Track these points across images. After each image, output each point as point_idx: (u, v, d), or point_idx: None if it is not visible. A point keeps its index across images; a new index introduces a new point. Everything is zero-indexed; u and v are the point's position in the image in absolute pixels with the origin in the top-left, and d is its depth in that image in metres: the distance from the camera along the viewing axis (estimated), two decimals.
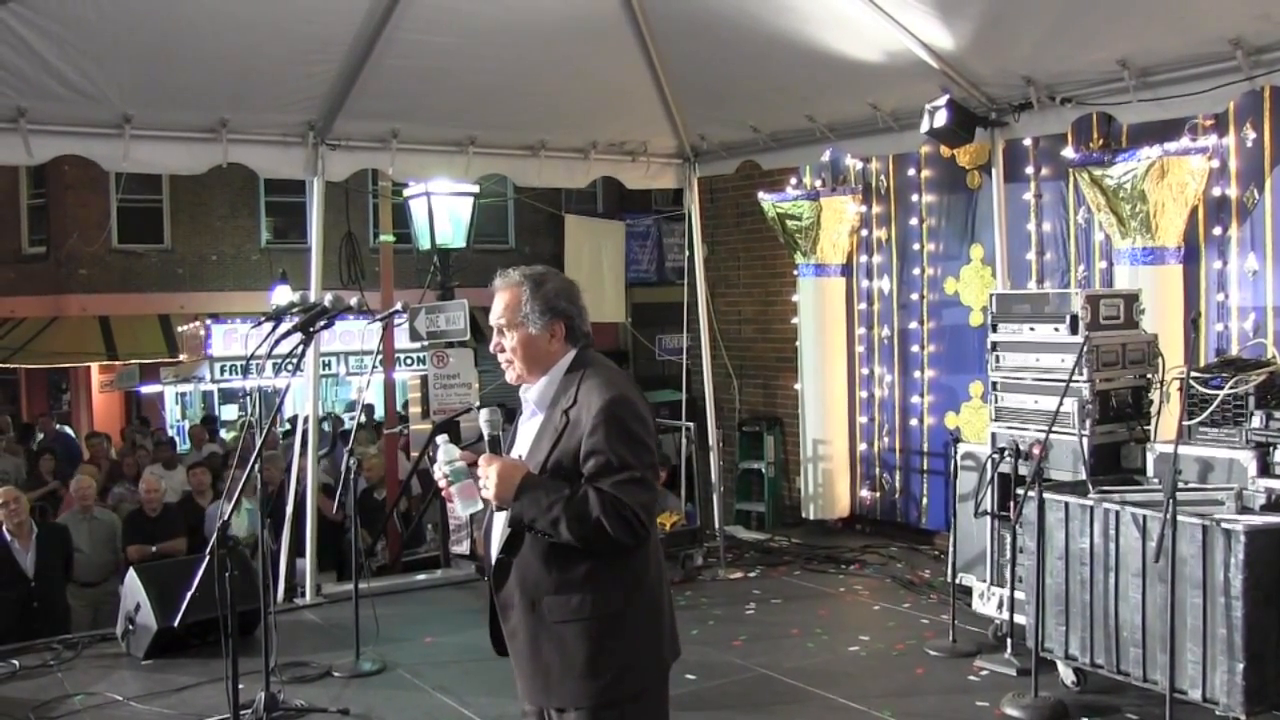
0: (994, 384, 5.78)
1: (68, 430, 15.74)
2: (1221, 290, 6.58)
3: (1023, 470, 5.28)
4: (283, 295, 13.93)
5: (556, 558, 2.79)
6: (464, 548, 7.84)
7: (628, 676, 2.82)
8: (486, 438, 2.91)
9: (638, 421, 2.81)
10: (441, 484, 2.92)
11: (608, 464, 2.74)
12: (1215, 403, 4.83)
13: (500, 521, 2.90)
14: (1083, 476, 5.10)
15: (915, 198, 8.49)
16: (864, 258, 8.97)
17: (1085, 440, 5.19)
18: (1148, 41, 5.45)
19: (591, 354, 2.96)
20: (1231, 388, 4.79)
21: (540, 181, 7.99)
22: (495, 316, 2.94)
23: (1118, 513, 4.69)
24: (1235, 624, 4.17)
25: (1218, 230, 6.58)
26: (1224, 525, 4.25)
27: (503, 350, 2.95)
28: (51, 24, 5.42)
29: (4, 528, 6.71)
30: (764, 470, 9.81)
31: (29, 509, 7.08)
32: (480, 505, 2.90)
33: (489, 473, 2.77)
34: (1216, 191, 6.54)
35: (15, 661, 5.78)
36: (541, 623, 2.81)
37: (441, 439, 2.98)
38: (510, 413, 3.11)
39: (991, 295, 5.91)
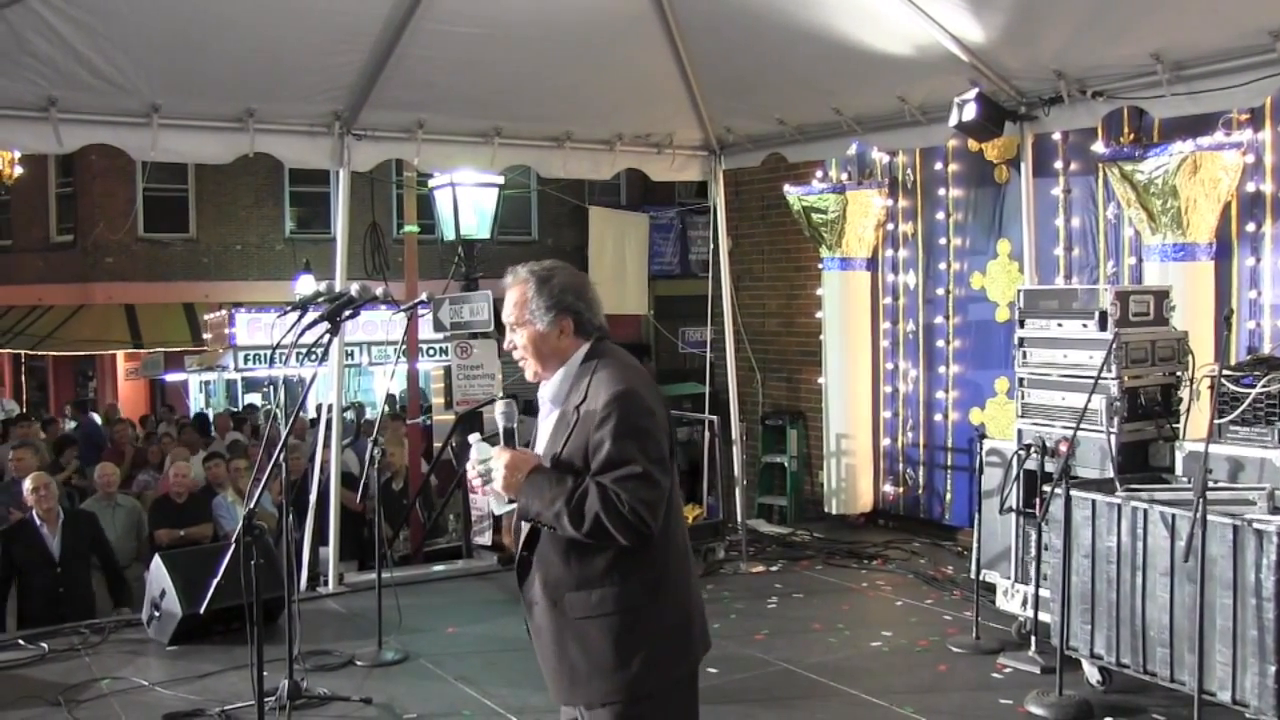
0: (1021, 380, 5.73)
1: (95, 418, 15.88)
2: (1254, 288, 6.50)
3: (1049, 467, 5.23)
4: (307, 285, 14.00)
5: (576, 553, 2.77)
6: (486, 539, 7.86)
7: (654, 671, 2.79)
8: (501, 429, 2.90)
9: (645, 416, 2.76)
10: (475, 483, 2.92)
11: (610, 459, 2.70)
12: (1247, 401, 4.76)
13: None
14: (1110, 474, 5.05)
15: (942, 192, 8.43)
16: (889, 252, 8.91)
17: (1113, 438, 5.14)
18: (1183, 34, 5.37)
19: (606, 346, 2.92)
20: (1264, 386, 4.73)
21: (565, 173, 7.97)
22: (505, 315, 2.94)
23: (1146, 511, 4.64)
24: (1267, 625, 4.12)
25: (1251, 226, 6.50)
26: (1255, 525, 4.19)
27: (514, 348, 2.94)
28: (82, 14, 5.46)
29: (34, 512, 6.78)
30: (787, 464, 9.78)
31: (58, 494, 7.15)
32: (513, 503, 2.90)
33: (499, 464, 2.77)
34: (1251, 187, 6.46)
35: (44, 645, 5.85)
36: (564, 619, 2.79)
37: (474, 438, 2.98)
38: (528, 405, 3.11)
39: (1019, 291, 5.86)
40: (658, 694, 2.81)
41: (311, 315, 4.41)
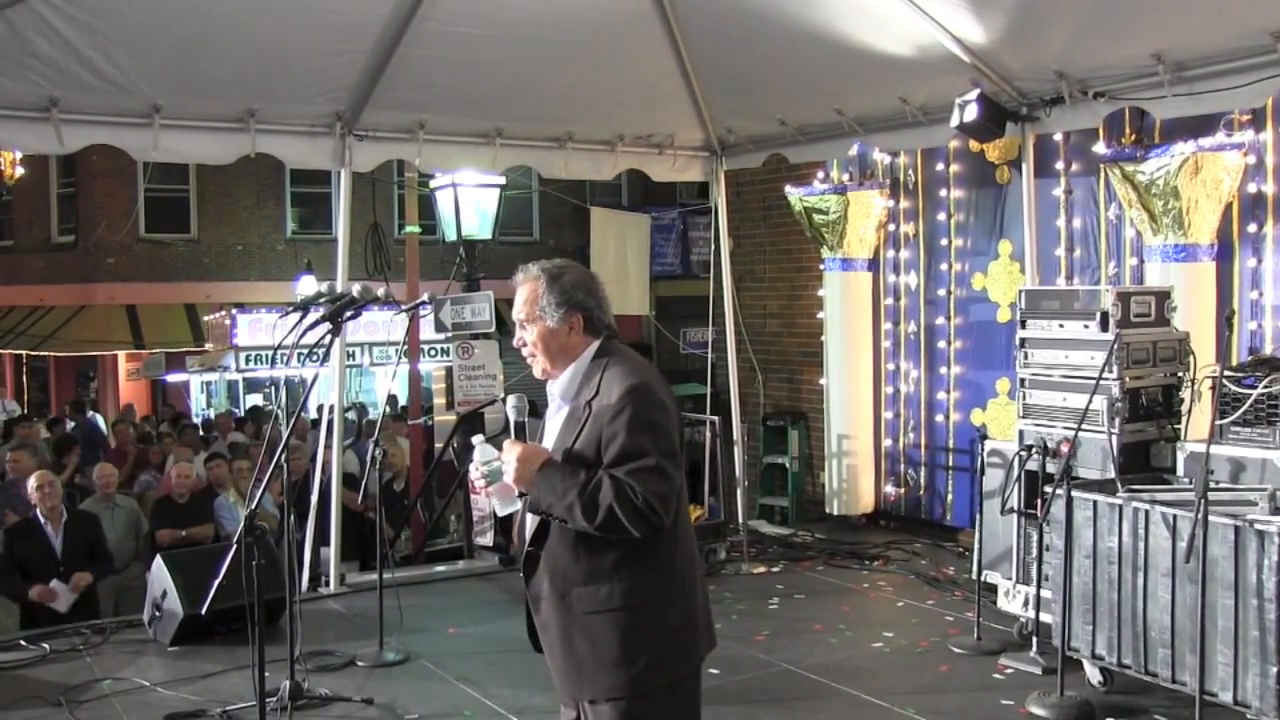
0: (1022, 380, 5.73)
1: (96, 418, 15.89)
2: (1256, 288, 6.50)
3: (1050, 468, 5.23)
4: (308, 286, 14.01)
5: (584, 548, 2.78)
6: (488, 539, 7.86)
7: (659, 667, 2.80)
8: (512, 423, 2.90)
9: (658, 409, 2.78)
10: (479, 485, 2.93)
11: (624, 451, 2.72)
12: (1248, 402, 4.76)
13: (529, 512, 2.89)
14: (1111, 475, 5.05)
15: (944, 192, 8.43)
16: (891, 252, 8.91)
17: (1114, 438, 5.14)
18: (1184, 35, 5.37)
19: (615, 345, 2.95)
20: (1265, 387, 4.73)
21: (567, 174, 7.97)
22: (515, 311, 2.96)
23: (1147, 512, 4.64)
24: (1269, 626, 4.12)
25: (1253, 227, 6.49)
26: (1257, 526, 4.19)
27: (524, 345, 2.95)
28: (83, 14, 5.47)
29: (38, 510, 6.80)
30: (788, 465, 9.77)
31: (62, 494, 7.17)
32: (519, 504, 2.88)
33: (510, 457, 2.78)
34: (1252, 188, 6.46)
35: (46, 645, 5.85)
36: (571, 614, 2.80)
37: (478, 439, 2.97)
38: (531, 405, 3.10)
39: (1021, 292, 5.85)
40: (661, 691, 2.81)
41: (313, 316, 4.42)
